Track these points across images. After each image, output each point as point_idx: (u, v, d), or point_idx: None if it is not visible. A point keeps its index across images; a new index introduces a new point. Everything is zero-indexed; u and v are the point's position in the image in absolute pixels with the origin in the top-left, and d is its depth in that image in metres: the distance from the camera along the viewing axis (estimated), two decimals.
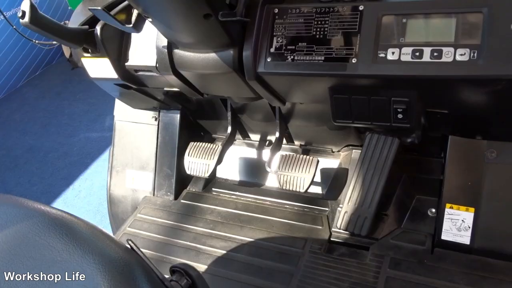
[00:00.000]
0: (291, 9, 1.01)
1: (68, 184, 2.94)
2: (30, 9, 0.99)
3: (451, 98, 0.97)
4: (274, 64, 1.01)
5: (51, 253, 0.54)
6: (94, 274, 0.51)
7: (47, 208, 0.64)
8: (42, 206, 0.65)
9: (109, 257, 0.54)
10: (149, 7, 0.93)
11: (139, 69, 1.22)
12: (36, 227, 0.58)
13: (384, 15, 0.93)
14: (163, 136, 1.54)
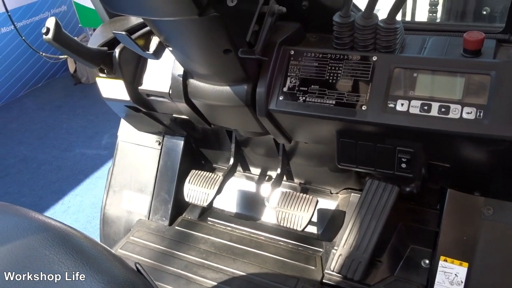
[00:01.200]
0: (307, 52, 1.05)
1: (58, 199, 2.90)
2: (54, 27, 1.02)
3: (454, 153, 1.00)
4: (286, 103, 1.04)
5: (60, 268, 0.55)
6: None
7: (57, 223, 0.65)
8: (52, 220, 0.65)
9: (117, 278, 0.55)
10: (171, 37, 0.96)
11: (151, 93, 1.24)
12: (47, 242, 0.59)
13: (396, 68, 0.97)
14: (164, 161, 1.55)
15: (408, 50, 1.02)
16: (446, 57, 0.95)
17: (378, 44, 1.01)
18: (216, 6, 0.80)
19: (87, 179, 3.06)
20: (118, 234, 1.59)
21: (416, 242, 1.27)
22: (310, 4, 1.10)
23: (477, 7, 1.30)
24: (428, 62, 0.95)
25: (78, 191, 2.96)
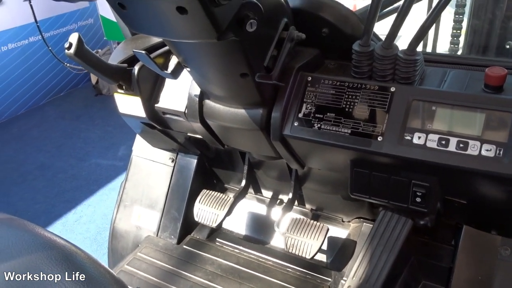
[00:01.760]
0: (324, 79, 1.05)
1: (70, 208, 2.93)
2: (77, 42, 1.04)
3: (471, 190, 0.97)
4: (301, 129, 1.03)
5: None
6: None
7: (61, 241, 0.64)
8: (57, 238, 0.65)
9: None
10: (190, 58, 0.97)
11: (167, 112, 1.25)
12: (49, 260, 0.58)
13: (415, 100, 0.95)
14: (177, 178, 1.55)
15: (427, 82, 1.00)
16: (466, 92, 0.93)
17: (397, 75, 0.99)
18: (235, 31, 0.80)
19: (101, 190, 3.08)
20: (126, 249, 1.58)
21: (429, 278, 1.23)
22: (330, 31, 1.09)
23: (500, 42, 1.29)
24: (448, 96, 0.94)
25: (90, 201, 2.98)
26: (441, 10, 0.91)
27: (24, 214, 2.90)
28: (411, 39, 0.96)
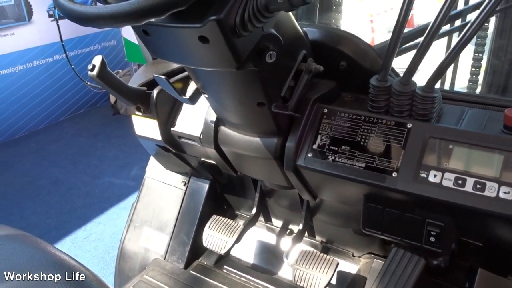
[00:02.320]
0: (340, 112, 1.05)
1: (81, 225, 2.94)
2: (100, 64, 1.07)
3: (488, 232, 0.95)
4: (314, 161, 1.03)
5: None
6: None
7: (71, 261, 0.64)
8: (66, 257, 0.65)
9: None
10: (208, 85, 0.98)
11: (183, 136, 1.26)
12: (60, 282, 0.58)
13: (431, 137, 0.94)
14: (188, 202, 1.54)
15: (445, 120, 1.00)
16: (484, 132, 0.92)
17: (414, 111, 0.99)
18: (255, 61, 0.82)
19: (112, 208, 3.10)
20: (133, 270, 1.57)
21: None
22: (348, 64, 1.10)
23: None
24: (466, 135, 0.92)
25: (101, 219, 2.99)
26: (460, 49, 0.91)
27: (36, 228, 2.92)
28: (430, 76, 0.95)
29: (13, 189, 3.36)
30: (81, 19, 0.69)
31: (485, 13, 0.83)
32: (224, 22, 0.72)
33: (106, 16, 0.65)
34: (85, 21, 0.68)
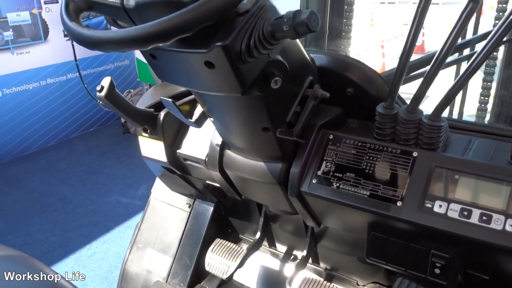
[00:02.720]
0: (346, 139, 1.04)
1: (86, 243, 2.93)
2: (108, 86, 1.09)
3: (494, 265, 0.92)
4: (319, 187, 1.02)
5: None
6: None
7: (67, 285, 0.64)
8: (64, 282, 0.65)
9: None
10: (213, 109, 0.99)
11: (188, 158, 1.26)
12: None
13: (437, 167, 0.93)
14: (192, 224, 1.54)
15: (451, 150, 0.99)
16: (491, 163, 0.91)
17: (420, 140, 0.98)
18: (260, 87, 0.82)
19: (117, 227, 3.09)
20: None
21: None
22: (354, 91, 1.10)
23: None
24: (472, 165, 0.91)
25: (106, 238, 2.98)
26: (467, 79, 0.90)
27: (41, 245, 2.92)
28: (436, 105, 0.95)
29: (21, 205, 3.38)
30: (89, 43, 0.70)
31: (492, 43, 0.83)
32: (230, 48, 0.73)
33: (113, 41, 0.66)
34: (92, 45, 0.70)
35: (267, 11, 0.77)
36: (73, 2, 0.77)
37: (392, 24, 8.94)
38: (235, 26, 0.73)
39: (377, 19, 9.54)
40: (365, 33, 7.99)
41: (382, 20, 9.42)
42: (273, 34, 0.74)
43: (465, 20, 0.83)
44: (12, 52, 3.85)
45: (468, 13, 0.82)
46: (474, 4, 0.80)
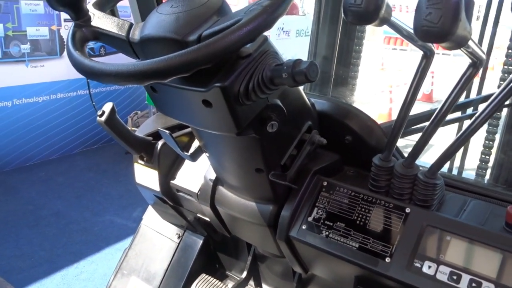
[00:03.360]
0: (339, 187, 1.03)
1: (74, 261, 2.90)
2: (109, 112, 1.09)
3: None
4: (308, 234, 1.00)
5: None
6: None
7: None
8: None
9: None
10: (209, 145, 0.99)
11: (181, 190, 1.25)
12: None
13: (429, 226, 0.91)
14: (179, 256, 1.51)
15: (446, 209, 0.97)
16: (485, 228, 0.89)
17: (414, 196, 0.97)
18: (256, 129, 0.82)
19: (107, 248, 3.05)
20: None
21: None
22: (353, 139, 1.10)
23: None
24: (465, 228, 0.89)
25: (95, 258, 2.94)
26: (466, 139, 0.90)
27: (28, 259, 2.89)
28: (433, 162, 0.94)
29: (15, 216, 3.36)
30: (88, 73, 0.71)
31: (492, 107, 0.83)
32: (228, 89, 0.73)
33: (111, 74, 0.67)
34: (91, 75, 0.71)
35: (269, 56, 0.78)
36: (81, 31, 0.79)
37: (402, 70, 9.06)
38: (235, 68, 0.74)
39: (388, 64, 9.68)
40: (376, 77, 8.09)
41: (393, 65, 9.55)
42: (272, 80, 0.75)
43: (464, 83, 0.83)
44: (27, 64, 3.92)
45: (467, 77, 0.82)
46: (473, 69, 0.80)
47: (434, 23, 0.63)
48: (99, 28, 0.80)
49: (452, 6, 0.62)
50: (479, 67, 0.81)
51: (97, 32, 0.80)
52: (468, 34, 0.67)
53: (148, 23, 0.77)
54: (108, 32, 0.80)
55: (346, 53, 1.78)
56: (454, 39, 0.65)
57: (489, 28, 1.92)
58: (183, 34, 0.72)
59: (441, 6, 0.62)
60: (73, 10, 0.78)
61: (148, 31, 0.75)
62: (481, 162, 1.52)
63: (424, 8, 0.64)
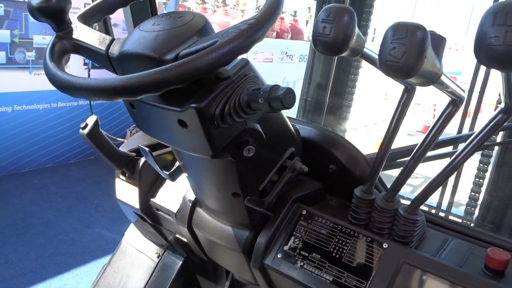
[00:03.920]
0: (318, 217, 1.01)
1: (58, 273, 2.84)
2: (92, 125, 1.09)
3: None
4: (283, 263, 0.98)
5: None
6: None
7: None
8: None
9: None
10: (188, 166, 0.97)
11: (160, 209, 1.23)
12: None
13: (406, 263, 0.89)
14: (157, 276, 1.47)
15: (425, 246, 0.94)
16: (463, 269, 0.86)
17: (394, 231, 0.94)
18: (232, 153, 0.81)
19: (93, 261, 3.00)
20: None
21: None
22: (337, 168, 1.08)
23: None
24: (443, 268, 0.86)
25: (79, 271, 2.89)
26: (447, 176, 0.88)
27: (12, 267, 2.84)
28: (414, 198, 0.92)
29: (3, 223, 3.33)
30: (60, 86, 0.70)
31: (471, 147, 0.82)
32: (204, 111, 0.72)
33: (81, 88, 0.66)
34: (62, 88, 0.70)
35: (248, 80, 0.77)
36: (61, 42, 0.79)
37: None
38: (213, 90, 0.73)
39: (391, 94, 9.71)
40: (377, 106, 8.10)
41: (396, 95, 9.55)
42: (249, 104, 0.74)
43: (444, 121, 0.82)
44: (30, 71, 3.95)
45: (447, 115, 0.81)
46: (453, 107, 0.79)
47: (398, 58, 0.61)
48: (79, 41, 0.80)
49: (417, 42, 0.61)
50: (459, 105, 0.80)
51: (78, 44, 0.80)
52: (438, 71, 0.66)
53: (129, 40, 0.76)
54: (88, 46, 0.79)
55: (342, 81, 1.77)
56: (421, 75, 0.63)
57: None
58: (160, 53, 0.71)
59: (406, 42, 0.61)
60: (55, 21, 0.78)
61: (127, 47, 0.75)
62: (471, 199, 1.49)
63: (389, 42, 0.62)
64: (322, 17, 0.77)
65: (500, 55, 0.56)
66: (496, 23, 0.55)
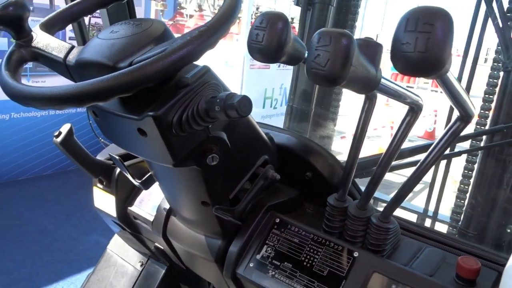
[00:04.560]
0: (292, 225, 0.99)
1: (53, 281, 2.84)
2: (66, 133, 1.08)
3: None
4: (254, 272, 0.96)
5: None
6: None
7: None
8: None
9: None
10: (158, 174, 0.96)
11: (137, 217, 1.22)
12: None
13: (375, 272, 0.87)
14: (140, 285, 1.46)
15: (398, 255, 0.92)
16: (433, 279, 0.84)
17: (367, 240, 0.93)
18: (196, 161, 0.80)
19: (89, 269, 2.98)
20: None
21: None
22: (313, 176, 1.07)
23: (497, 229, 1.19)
24: (413, 278, 0.85)
25: (74, 279, 2.89)
26: (414, 183, 0.87)
27: (8, 275, 2.84)
28: (386, 205, 0.91)
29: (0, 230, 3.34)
30: (10, 95, 0.69)
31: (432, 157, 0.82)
32: (161, 119, 0.71)
33: (29, 97, 0.65)
34: (12, 98, 0.69)
35: (208, 88, 0.76)
36: (19, 51, 0.78)
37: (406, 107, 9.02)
38: (171, 98, 0.72)
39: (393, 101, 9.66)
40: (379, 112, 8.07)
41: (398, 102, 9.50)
42: (207, 112, 0.73)
43: (405, 129, 0.81)
44: (28, 79, 3.98)
45: (407, 123, 0.80)
46: (412, 114, 0.78)
47: (322, 66, 0.60)
48: (38, 48, 0.80)
49: (341, 49, 0.59)
50: (417, 112, 0.78)
51: (36, 53, 0.79)
52: (375, 78, 0.64)
53: (86, 47, 0.76)
54: (46, 54, 0.79)
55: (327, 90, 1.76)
56: (352, 82, 0.61)
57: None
58: (114, 60, 0.71)
59: (329, 49, 0.59)
60: (14, 29, 0.78)
61: (83, 55, 0.74)
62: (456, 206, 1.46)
63: (314, 49, 0.61)
64: (256, 24, 0.76)
65: (411, 62, 0.54)
66: (408, 29, 0.54)
